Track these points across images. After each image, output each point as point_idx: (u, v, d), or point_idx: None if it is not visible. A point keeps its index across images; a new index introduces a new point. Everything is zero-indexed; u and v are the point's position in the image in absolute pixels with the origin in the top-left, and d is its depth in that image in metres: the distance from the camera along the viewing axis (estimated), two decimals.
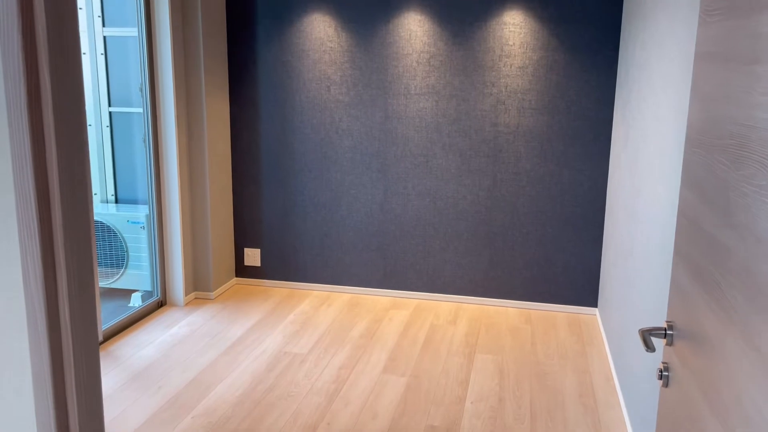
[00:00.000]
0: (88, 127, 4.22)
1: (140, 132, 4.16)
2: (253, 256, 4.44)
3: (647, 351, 1.33)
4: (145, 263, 4.03)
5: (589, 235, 3.95)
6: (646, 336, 1.35)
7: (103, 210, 4.12)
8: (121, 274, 4.07)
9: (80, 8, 4.12)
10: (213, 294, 4.18)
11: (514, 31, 3.82)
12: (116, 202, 4.28)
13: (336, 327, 3.76)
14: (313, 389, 3.02)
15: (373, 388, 3.04)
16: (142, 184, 4.24)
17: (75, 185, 0.71)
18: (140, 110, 4.10)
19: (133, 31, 4.06)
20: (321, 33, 4.06)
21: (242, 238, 4.45)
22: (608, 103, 3.79)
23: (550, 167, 3.93)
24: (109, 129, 4.23)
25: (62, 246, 0.78)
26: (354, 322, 3.83)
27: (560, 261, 4.02)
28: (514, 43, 3.83)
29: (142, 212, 4.02)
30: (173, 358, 3.32)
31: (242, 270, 4.48)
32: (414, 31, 3.94)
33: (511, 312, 4.05)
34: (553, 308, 4.08)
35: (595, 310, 4.03)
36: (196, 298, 4.19)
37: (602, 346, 3.57)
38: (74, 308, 0.88)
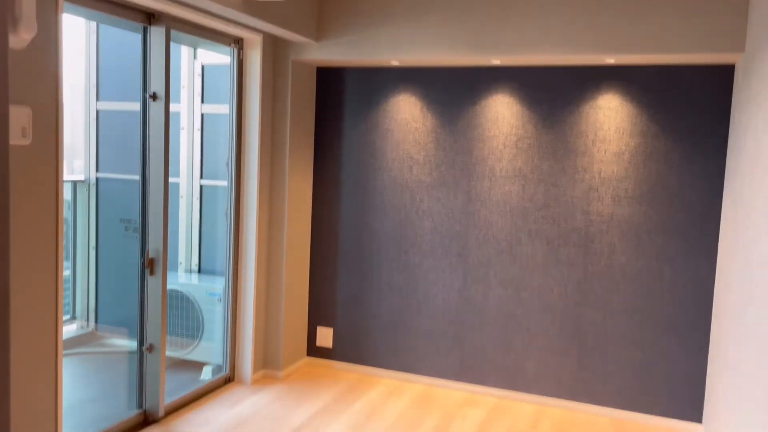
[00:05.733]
0: (180, 199, 4.36)
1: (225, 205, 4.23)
2: (325, 336, 4.31)
3: None
4: (219, 336, 4.00)
5: (693, 341, 3.50)
6: None
7: (185, 280, 4.17)
8: (195, 346, 4.06)
9: (183, 86, 4.34)
10: (282, 373, 4.06)
11: (609, 116, 3.58)
12: (199, 272, 4.33)
13: (404, 422, 3.50)
14: None
15: None
16: (224, 256, 4.28)
17: None
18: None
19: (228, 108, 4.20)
20: (407, 114, 4.01)
21: (316, 316, 4.34)
22: (716, 195, 3.41)
23: (648, 262, 3.56)
24: (199, 201, 4.34)
25: None
26: (423, 419, 3.55)
27: (659, 367, 3.57)
28: (609, 128, 3.59)
29: (220, 284, 4.03)
30: None
31: (314, 350, 4.35)
32: (501, 112, 3.80)
33: (602, 422, 3.61)
34: (649, 420, 3.60)
35: (700, 427, 3.51)
36: (264, 376, 4.09)
37: None
38: None
